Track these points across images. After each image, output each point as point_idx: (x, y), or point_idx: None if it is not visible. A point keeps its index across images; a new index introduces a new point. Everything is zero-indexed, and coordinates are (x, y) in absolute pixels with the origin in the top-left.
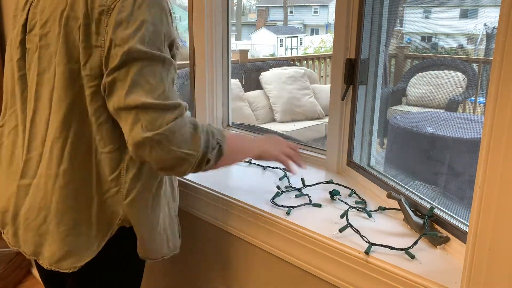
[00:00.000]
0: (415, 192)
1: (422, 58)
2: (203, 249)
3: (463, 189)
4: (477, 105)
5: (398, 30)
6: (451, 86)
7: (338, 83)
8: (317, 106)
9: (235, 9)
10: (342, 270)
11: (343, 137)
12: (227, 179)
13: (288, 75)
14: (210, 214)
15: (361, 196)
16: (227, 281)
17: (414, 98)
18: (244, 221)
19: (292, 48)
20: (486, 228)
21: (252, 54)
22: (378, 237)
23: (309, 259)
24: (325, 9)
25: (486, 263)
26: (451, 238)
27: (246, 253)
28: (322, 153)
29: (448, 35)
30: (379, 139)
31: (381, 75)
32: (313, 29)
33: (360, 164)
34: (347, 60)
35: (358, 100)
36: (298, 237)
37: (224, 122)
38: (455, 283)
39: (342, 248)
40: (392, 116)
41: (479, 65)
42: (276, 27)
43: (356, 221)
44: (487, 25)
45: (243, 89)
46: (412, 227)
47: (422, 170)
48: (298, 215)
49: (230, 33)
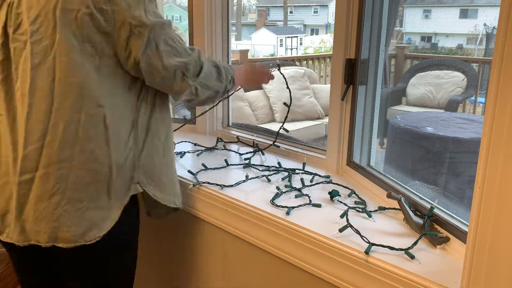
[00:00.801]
0: (415, 192)
1: (422, 58)
2: (203, 249)
3: (463, 189)
4: (477, 105)
5: (398, 30)
6: (451, 86)
7: (338, 83)
8: (317, 106)
9: (235, 9)
10: (342, 270)
11: (343, 137)
12: (227, 180)
13: (288, 75)
14: (210, 214)
15: (361, 196)
16: (227, 281)
17: (414, 98)
18: (244, 221)
19: (292, 48)
20: (486, 228)
21: (252, 54)
22: (378, 237)
23: (309, 259)
24: (325, 9)
25: (486, 263)
26: (451, 238)
27: (246, 253)
28: (322, 153)
29: (448, 35)
30: (379, 139)
31: (381, 75)
32: (313, 29)
33: (360, 164)
34: (347, 60)
35: (358, 100)
36: (298, 237)
37: (224, 122)
38: (455, 283)
39: (342, 248)
40: (392, 116)
41: (479, 65)
42: (276, 27)
43: (356, 221)
44: (487, 25)
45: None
46: (412, 227)
47: (422, 170)
48: (298, 215)
49: (230, 33)
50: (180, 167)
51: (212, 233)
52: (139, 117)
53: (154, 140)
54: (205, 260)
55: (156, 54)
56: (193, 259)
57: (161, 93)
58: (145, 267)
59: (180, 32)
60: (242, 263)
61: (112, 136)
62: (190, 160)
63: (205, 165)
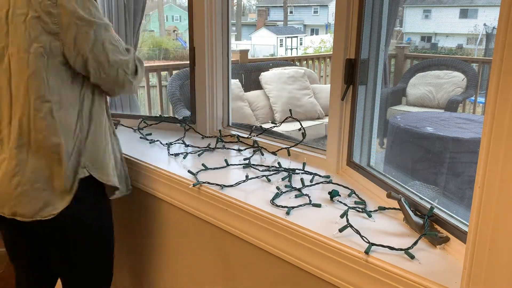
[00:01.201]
0: (415, 192)
1: (422, 58)
2: (202, 249)
3: (463, 189)
4: (477, 105)
5: (398, 30)
6: (451, 86)
7: (338, 83)
8: (317, 106)
9: (235, 9)
10: (342, 270)
11: (343, 137)
12: (227, 180)
13: (288, 75)
14: (210, 214)
15: (361, 196)
16: (227, 280)
17: (414, 98)
18: (244, 221)
19: (292, 48)
20: (486, 228)
21: (252, 54)
22: (378, 237)
23: (309, 259)
24: (325, 9)
25: (486, 263)
26: (451, 238)
27: (246, 253)
28: (322, 153)
29: (448, 35)
30: (379, 139)
31: (381, 75)
32: (313, 29)
33: (360, 164)
34: (347, 60)
35: (358, 100)
36: (298, 237)
37: (224, 122)
38: (455, 283)
39: (342, 248)
40: (392, 116)
41: (479, 65)
42: (276, 27)
43: (356, 221)
44: (487, 25)
45: (243, 89)
46: (412, 227)
47: (422, 170)
48: (298, 215)
49: (230, 33)
50: (181, 167)
51: (211, 232)
52: (83, 108)
53: (96, 128)
54: (205, 260)
55: (102, 52)
56: (192, 259)
57: (97, 86)
58: (144, 264)
59: (180, 32)
60: (242, 263)
61: (61, 126)
62: (190, 160)
63: (205, 165)
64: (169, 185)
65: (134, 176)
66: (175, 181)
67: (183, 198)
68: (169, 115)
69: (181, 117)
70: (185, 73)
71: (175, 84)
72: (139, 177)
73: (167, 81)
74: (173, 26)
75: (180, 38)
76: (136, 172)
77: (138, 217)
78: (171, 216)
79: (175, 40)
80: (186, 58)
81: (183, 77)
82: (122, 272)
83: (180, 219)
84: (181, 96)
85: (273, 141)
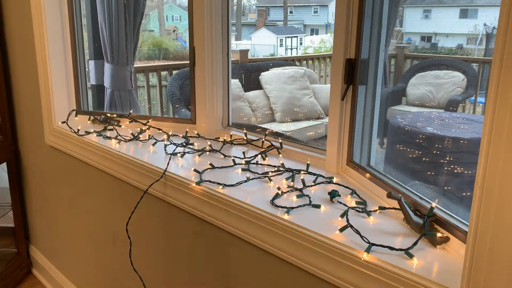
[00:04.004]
0: (415, 192)
1: (422, 58)
2: (202, 249)
3: (463, 189)
4: (477, 105)
5: (398, 30)
6: (451, 86)
7: (338, 83)
8: (317, 106)
9: (235, 9)
10: (342, 270)
11: (343, 137)
12: (228, 179)
13: (288, 75)
14: (210, 214)
15: (361, 196)
16: (227, 281)
17: (414, 98)
18: (244, 221)
19: (292, 48)
20: (486, 228)
21: (252, 54)
22: (378, 237)
23: (309, 259)
24: (325, 9)
25: (486, 263)
26: (451, 238)
27: (246, 253)
28: (322, 153)
29: (448, 35)
30: (379, 139)
31: (381, 75)
32: (313, 29)
33: (360, 164)
34: (347, 60)
35: (358, 100)
36: (298, 237)
37: (224, 122)
38: (455, 283)
39: (342, 248)
40: (392, 116)
41: (479, 65)
42: (276, 27)
43: (356, 221)
44: (487, 25)
45: (243, 89)
46: (412, 227)
47: (422, 170)
48: (298, 215)
49: (230, 33)
50: (181, 167)
51: (211, 232)
52: None
53: None
54: (205, 260)
55: None
56: (192, 259)
57: None
58: (152, 268)
59: (180, 32)
60: (242, 263)
61: None
62: (190, 160)
63: (212, 164)
64: (170, 186)
65: (133, 176)
66: (175, 181)
67: (184, 197)
68: (169, 115)
69: (181, 117)
70: (185, 73)
71: (175, 84)
72: (139, 177)
73: (167, 81)
74: (173, 26)
75: (180, 38)
76: (135, 172)
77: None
78: (171, 216)
79: (175, 40)
80: (186, 58)
81: (183, 77)
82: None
83: (181, 219)
84: (181, 96)
85: (274, 141)
